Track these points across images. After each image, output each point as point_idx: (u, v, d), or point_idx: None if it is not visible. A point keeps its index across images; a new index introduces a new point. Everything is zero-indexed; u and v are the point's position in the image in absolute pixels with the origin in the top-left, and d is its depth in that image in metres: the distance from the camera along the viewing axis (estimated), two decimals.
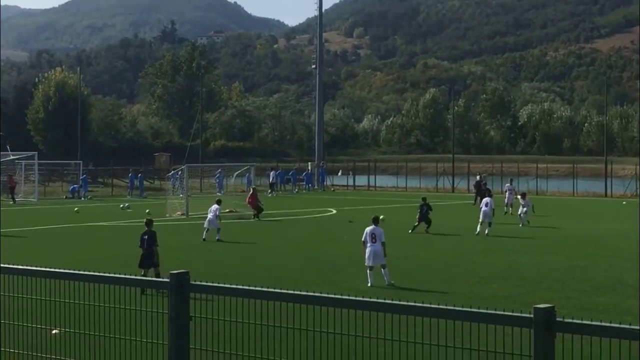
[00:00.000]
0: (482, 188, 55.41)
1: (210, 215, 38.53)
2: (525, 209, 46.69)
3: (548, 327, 5.80)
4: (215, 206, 39.18)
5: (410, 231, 40.13)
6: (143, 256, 23.53)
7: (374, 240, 24.51)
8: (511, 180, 59.47)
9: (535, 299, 20.92)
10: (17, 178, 71.24)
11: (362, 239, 24.94)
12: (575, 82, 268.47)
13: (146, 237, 23.83)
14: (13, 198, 66.50)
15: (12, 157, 74.74)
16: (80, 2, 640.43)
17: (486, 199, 41.52)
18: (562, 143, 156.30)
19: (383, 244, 24.50)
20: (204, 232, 37.96)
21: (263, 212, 48.96)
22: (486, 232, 39.44)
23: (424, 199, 43.27)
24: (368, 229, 24.92)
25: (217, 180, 76.05)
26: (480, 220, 39.92)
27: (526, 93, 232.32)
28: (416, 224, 41.10)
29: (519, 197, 49.30)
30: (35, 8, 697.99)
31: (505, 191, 55.60)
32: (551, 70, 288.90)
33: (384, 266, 24.47)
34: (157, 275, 21.96)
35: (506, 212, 50.64)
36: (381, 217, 27.94)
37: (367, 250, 24.50)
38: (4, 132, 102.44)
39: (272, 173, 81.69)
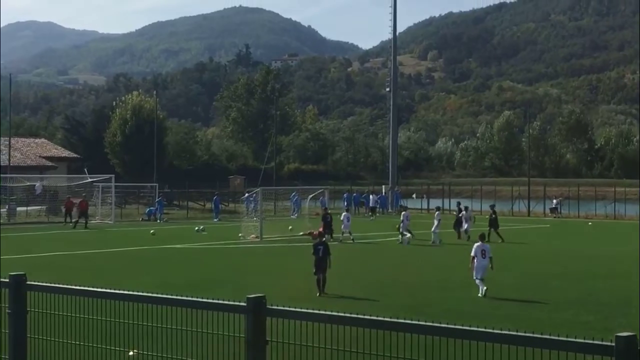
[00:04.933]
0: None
1: (405, 221, 47.75)
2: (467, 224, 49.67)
3: (630, 355, 5.69)
4: (404, 212, 49.15)
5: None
6: (317, 263, 27.31)
7: (484, 256, 27.09)
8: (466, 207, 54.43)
9: (614, 325, 20.54)
10: (75, 201, 71.24)
11: (472, 254, 27.27)
12: None
13: (321, 247, 27.68)
14: (68, 220, 66.53)
15: (89, 180, 75.81)
16: (156, 27, 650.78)
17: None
18: None
19: (490, 258, 27.30)
20: (408, 238, 46.93)
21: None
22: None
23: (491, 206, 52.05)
24: (477, 245, 27.59)
25: (295, 203, 76.39)
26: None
27: (603, 116, 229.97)
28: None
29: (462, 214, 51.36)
30: (113, 33, 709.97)
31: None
32: (629, 93, 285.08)
33: (484, 279, 26.78)
34: (325, 280, 27.00)
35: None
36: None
37: (477, 264, 27.00)
38: (82, 155, 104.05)
39: (372, 196, 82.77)
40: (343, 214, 51.99)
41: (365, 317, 6.87)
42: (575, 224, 71.67)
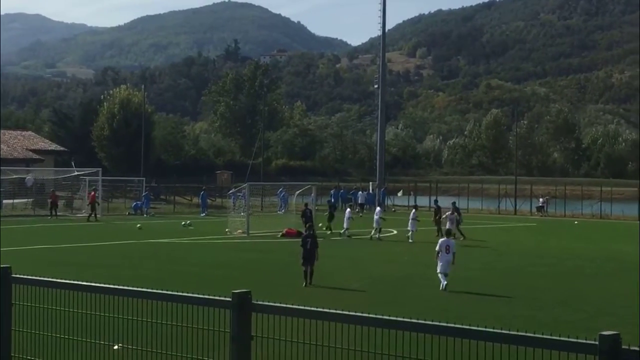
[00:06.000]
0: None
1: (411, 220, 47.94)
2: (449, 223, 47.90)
3: (614, 354, 5.70)
4: (413, 211, 49.37)
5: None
6: (305, 255, 28.08)
7: (447, 251, 27.65)
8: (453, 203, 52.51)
9: (599, 325, 20.59)
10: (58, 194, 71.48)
11: (437, 249, 27.96)
12: None
13: (309, 239, 28.54)
14: (53, 213, 66.48)
15: (76, 173, 75.59)
16: (145, 21, 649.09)
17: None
18: (627, 166, 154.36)
19: (454, 254, 27.73)
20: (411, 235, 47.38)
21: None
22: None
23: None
24: (442, 241, 28.39)
25: (282, 199, 76.38)
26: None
27: (591, 115, 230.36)
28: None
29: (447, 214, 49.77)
30: (102, 26, 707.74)
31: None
32: (616, 93, 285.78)
33: (447, 274, 27.37)
34: (312, 272, 27.78)
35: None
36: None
37: (441, 258, 27.59)
38: (70, 148, 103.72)
39: (360, 193, 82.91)
40: (347, 210, 53.64)
41: (351, 313, 6.88)
42: (561, 223, 71.85)
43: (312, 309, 7.08)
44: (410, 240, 47.32)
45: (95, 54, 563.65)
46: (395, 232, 51.64)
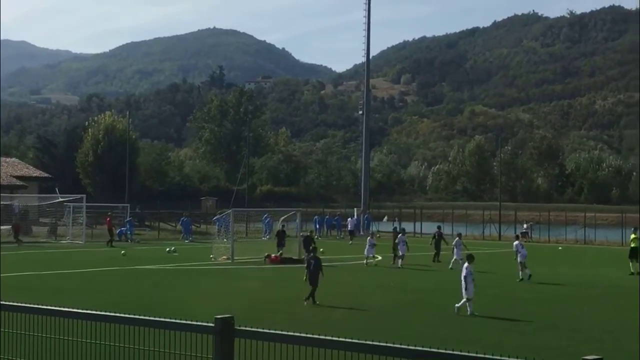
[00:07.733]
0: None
1: (456, 250, 47.32)
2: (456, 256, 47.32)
3: None
4: (457, 239, 48.54)
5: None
6: (310, 276, 30.17)
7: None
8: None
9: (584, 350, 20.57)
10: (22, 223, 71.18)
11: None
12: (623, 130, 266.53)
13: (312, 261, 30.65)
14: (19, 239, 66.07)
15: (60, 200, 75.37)
16: (130, 47, 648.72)
17: (517, 242, 43.75)
18: (611, 192, 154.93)
19: (464, 278, 28.15)
20: (452, 263, 46.17)
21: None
22: (527, 274, 41.06)
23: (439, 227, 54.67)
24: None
25: (267, 225, 76.36)
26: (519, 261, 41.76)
27: (574, 141, 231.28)
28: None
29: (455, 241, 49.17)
30: (87, 53, 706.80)
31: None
32: (600, 119, 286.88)
33: (467, 299, 28.01)
34: (314, 292, 29.62)
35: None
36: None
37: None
38: (54, 174, 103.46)
39: (350, 219, 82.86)
40: (368, 238, 52.12)
41: (333, 339, 6.83)
42: (545, 249, 71.89)
43: (295, 334, 7.04)
44: (451, 267, 46.08)
45: (80, 80, 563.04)
46: (379, 257, 51.52)
